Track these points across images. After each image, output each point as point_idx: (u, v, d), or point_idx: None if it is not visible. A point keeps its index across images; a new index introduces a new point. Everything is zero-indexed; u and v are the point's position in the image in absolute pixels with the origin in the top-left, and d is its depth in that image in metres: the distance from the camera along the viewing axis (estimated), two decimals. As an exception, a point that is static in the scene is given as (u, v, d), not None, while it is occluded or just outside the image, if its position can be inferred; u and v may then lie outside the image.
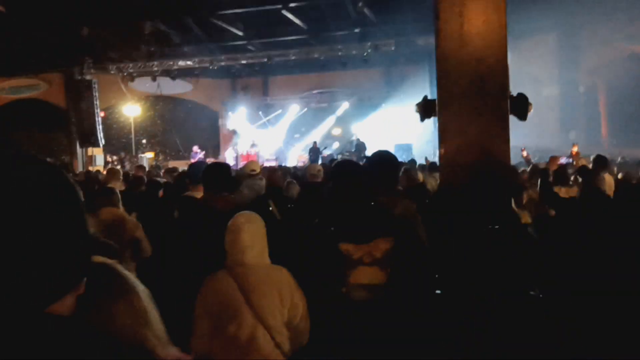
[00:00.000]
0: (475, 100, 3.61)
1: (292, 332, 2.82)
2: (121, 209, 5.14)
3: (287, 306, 2.78)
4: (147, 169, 8.55)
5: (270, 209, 5.10)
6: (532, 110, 4.19)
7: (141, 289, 1.46)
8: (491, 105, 3.61)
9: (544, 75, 18.54)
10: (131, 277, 1.45)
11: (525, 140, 18.36)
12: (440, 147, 3.76)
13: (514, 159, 13.29)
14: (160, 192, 6.62)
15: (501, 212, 3.67)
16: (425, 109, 4.11)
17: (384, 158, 3.91)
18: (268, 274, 2.84)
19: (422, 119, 4.30)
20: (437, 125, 3.96)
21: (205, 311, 2.83)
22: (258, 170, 8.00)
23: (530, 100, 4.11)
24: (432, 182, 7.23)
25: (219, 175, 4.03)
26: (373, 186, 3.77)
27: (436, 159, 8.39)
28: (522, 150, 11.18)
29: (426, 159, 11.86)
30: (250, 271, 2.81)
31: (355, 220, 3.20)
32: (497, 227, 3.68)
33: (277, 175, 5.81)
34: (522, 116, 4.13)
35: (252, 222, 2.91)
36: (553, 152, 11.07)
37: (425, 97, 4.23)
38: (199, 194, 4.49)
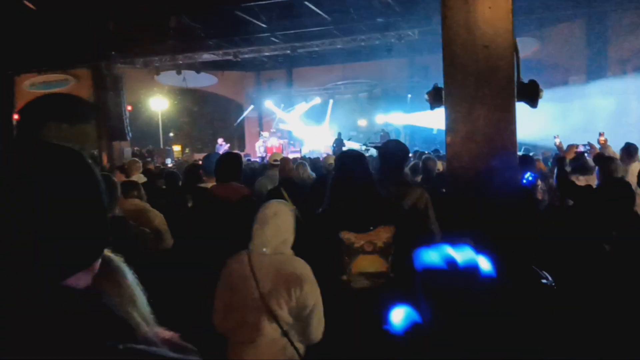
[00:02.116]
0: (481, 87, 3.59)
1: (301, 325, 2.85)
2: (144, 200, 5.24)
3: (296, 297, 2.81)
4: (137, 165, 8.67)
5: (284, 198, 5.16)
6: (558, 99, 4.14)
7: (127, 270, 1.54)
8: (498, 92, 3.58)
9: (571, 63, 18.19)
10: (116, 259, 1.53)
11: (553, 130, 18.09)
12: (446, 135, 3.76)
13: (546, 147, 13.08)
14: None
15: (509, 200, 3.64)
16: (435, 97, 4.10)
17: (391, 148, 3.92)
18: (283, 263, 2.88)
19: (432, 108, 4.29)
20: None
21: (223, 289, 2.94)
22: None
23: (557, 89, 4.06)
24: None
25: (227, 166, 4.11)
26: (381, 176, 3.79)
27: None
28: (555, 138, 10.97)
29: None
30: (267, 259, 2.87)
31: (356, 209, 3.23)
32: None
33: (289, 165, 5.84)
34: (533, 103, 4.09)
35: (280, 215, 2.95)
36: (581, 141, 10.87)
37: (435, 85, 4.22)
38: (211, 184, 4.58)
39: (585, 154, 8.18)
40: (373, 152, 14.33)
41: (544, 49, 18.46)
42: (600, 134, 12.38)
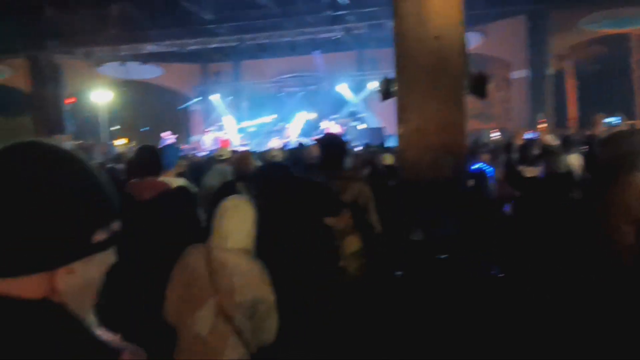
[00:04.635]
0: (433, 78, 3.59)
1: (254, 325, 2.79)
2: None
3: (250, 297, 2.74)
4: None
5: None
6: (501, 92, 4.21)
7: None
8: (449, 83, 3.60)
9: (513, 58, 18.69)
10: None
11: (495, 122, 18.58)
12: (398, 126, 3.75)
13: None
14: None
15: (457, 190, 3.67)
16: (386, 88, 4.09)
17: (327, 142, 3.93)
18: (240, 261, 2.80)
19: (384, 99, 4.29)
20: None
21: (177, 282, 2.87)
22: (226, 155, 7.91)
23: (499, 83, 4.12)
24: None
25: (143, 160, 3.91)
26: (320, 170, 3.82)
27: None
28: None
29: None
30: (225, 255, 2.79)
31: (327, 195, 3.29)
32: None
33: (246, 160, 5.62)
34: (482, 94, 4.15)
35: (239, 209, 2.88)
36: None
37: (385, 77, 4.22)
38: (168, 177, 4.42)
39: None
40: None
41: (486, 44, 18.89)
42: (543, 121, 12.75)
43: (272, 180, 3.33)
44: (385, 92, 4.10)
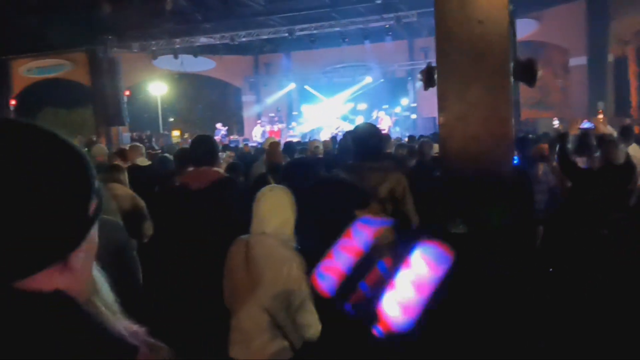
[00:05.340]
0: (477, 64, 3.46)
1: (291, 318, 2.75)
2: (127, 185, 5.11)
3: (283, 289, 2.71)
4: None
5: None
6: (559, 80, 4.03)
7: None
8: (494, 69, 3.46)
9: (572, 45, 17.98)
10: None
11: (553, 111, 17.95)
12: (439, 114, 3.64)
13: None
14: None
15: (502, 182, 3.54)
16: (429, 76, 3.98)
17: (360, 133, 3.86)
18: (275, 251, 2.77)
19: (426, 87, 4.17)
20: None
21: (226, 271, 2.92)
22: (275, 146, 7.94)
23: (557, 71, 3.95)
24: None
25: (198, 149, 3.92)
26: (355, 162, 3.76)
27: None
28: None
29: None
30: (263, 243, 2.79)
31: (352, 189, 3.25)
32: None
33: (275, 152, 5.58)
34: (531, 82, 3.98)
35: (274, 194, 2.89)
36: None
37: (429, 64, 4.11)
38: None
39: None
40: None
41: (543, 31, 18.26)
42: (599, 112, 12.21)
43: (295, 179, 3.30)
44: (428, 80, 3.98)
